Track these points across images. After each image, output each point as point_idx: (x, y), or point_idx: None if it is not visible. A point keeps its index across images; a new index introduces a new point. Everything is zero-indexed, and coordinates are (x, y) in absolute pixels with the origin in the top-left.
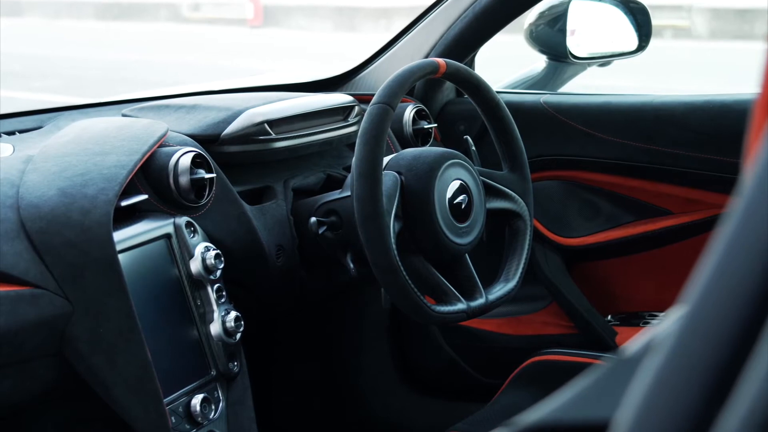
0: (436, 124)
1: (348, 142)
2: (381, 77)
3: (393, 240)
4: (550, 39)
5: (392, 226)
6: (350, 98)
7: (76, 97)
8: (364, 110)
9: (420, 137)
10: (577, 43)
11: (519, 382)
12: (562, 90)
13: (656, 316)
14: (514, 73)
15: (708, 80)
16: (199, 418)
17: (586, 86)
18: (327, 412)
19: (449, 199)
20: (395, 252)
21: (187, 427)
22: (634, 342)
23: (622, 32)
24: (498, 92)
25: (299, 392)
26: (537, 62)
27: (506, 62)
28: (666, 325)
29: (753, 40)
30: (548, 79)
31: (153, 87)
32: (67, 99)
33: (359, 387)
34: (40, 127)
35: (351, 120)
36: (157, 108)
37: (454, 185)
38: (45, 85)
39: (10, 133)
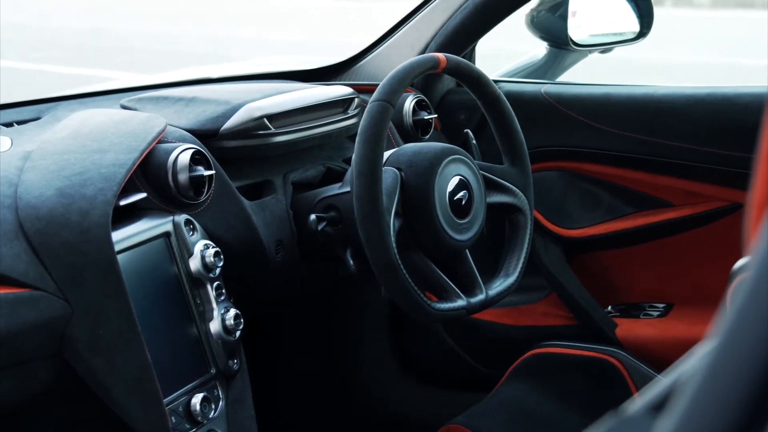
0: (436, 115)
1: (348, 134)
2: (381, 66)
3: (393, 238)
4: (551, 26)
5: (392, 223)
6: (350, 90)
7: (74, 68)
8: (364, 101)
9: (420, 128)
10: (578, 25)
11: (519, 374)
12: (562, 77)
13: (656, 307)
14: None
15: (709, 50)
16: (199, 418)
17: (588, 58)
18: (328, 403)
19: (449, 195)
20: (395, 251)
21: (187, 426)
22: (638, 398)
23: (623, 18)
24: (498, 81)
25: (300, 384)
26: (538, 49)
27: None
28: (684, 370)
29: (755, 9)
30: (548, 67)
31: (150, 56)
32: (66, 69)
33: (360, 378)
34: (38, 118)
35: (351, 112)
36: (155, 100)
37: (455, 181)
38: (45, 55)
39: (8, 125)
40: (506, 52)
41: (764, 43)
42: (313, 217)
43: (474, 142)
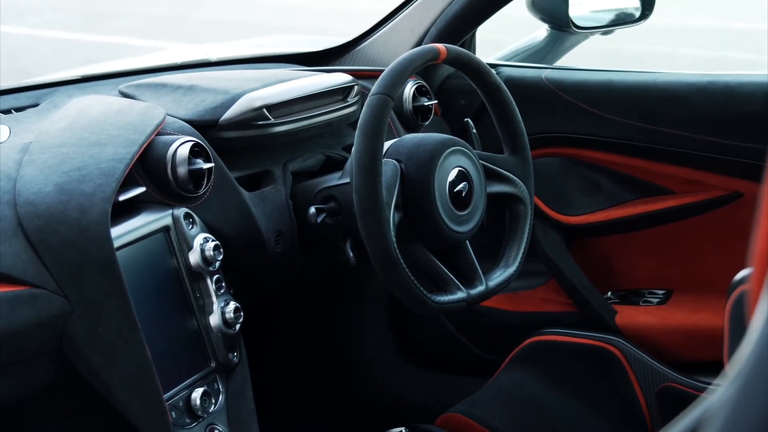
0: (436, 101)
1: (348, 121)
2: (381, 50)
3: (393, 232)
4: (552, 8)
5: (392, 217)
6: (349, 78)
7: (71, 33)
8: (364, 87)
9: (420, 114)
10: (578, 1)
11: (518, 361)
12: (563, 59)
13: (656, 293)
14: None
15: (710, 15)
16: (200, 412)
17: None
18: (328, 388)
19: (449, 187)
20: (395, 245)
21: (188, 421)
22: None
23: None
24: (499, 65)
25: (299, 370)
26: (539, 31)
27: None
28: (706, 406)
29: None
30: (549, 49)
31: (148, 21)
32: (63, 35)
33: (360, 364)
34: (36, 105)
35: (350, 100)
36: (154, 87)
37: (455, 173)
38: (42, 21)
39: (6, 112)
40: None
41: (763, 7)
42: (312, 210)
43: (474, 131)
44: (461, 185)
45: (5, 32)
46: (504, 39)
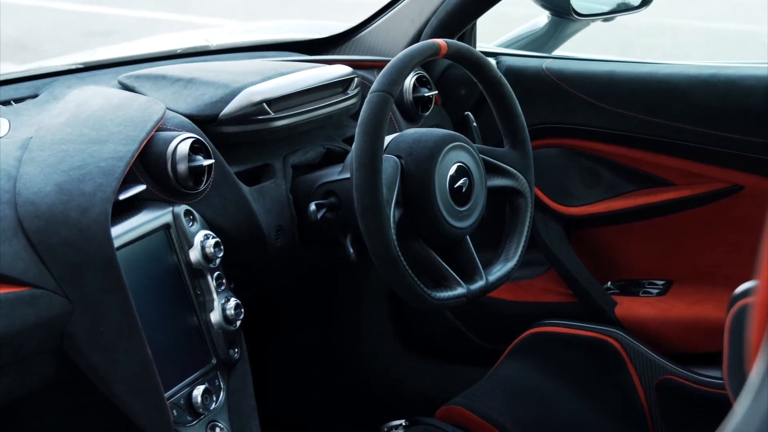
0: (436, 91)
1: (349, 113)
2: (381, 39)
3: (393, 228)
4: None
5: (393, 214)
6: (349, 70)
7: (67, 4)
8: (365, 78)
9: (420, 104)
10: None
11: (517, 353)
12: (563, 46)
13: (655, 284)
14: None
15: None
16: (201, 409)
17: None
18: (327, 376)
19: (449, 183)
20: (395, 243)
21: (189, 418)
22: None
23: None
24: (499, 54)
25: (299, 357)
26: (540, 17)
27: None
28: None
29: None
30: (550, 36)
31: None
32: (59, 5)
33: (360, 351)
34: (35, 95)
35: (351, 92)
36: (153, 79)
37: (455, 169)
38: None
39: (6, 103)
40: None
41: None
42: (312, 206)
43: (474, 124)
44: (461, 181)
45: (6, 3)
46: (515, 11)
